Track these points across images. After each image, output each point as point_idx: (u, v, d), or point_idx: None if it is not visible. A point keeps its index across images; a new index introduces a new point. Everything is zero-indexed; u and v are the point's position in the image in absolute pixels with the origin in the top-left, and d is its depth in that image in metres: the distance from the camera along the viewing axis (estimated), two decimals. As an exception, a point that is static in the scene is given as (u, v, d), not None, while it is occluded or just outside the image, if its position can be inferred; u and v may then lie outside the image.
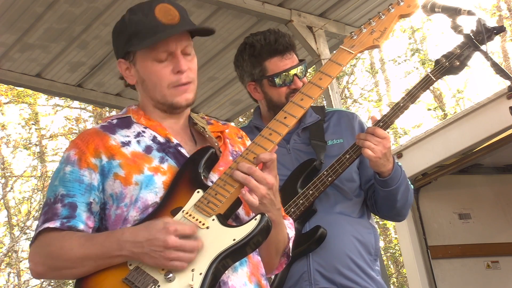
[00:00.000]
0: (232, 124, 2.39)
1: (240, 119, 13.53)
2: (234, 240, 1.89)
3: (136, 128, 2.12)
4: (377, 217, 3.16)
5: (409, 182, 2.91)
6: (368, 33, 2.26)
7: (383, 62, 17.01)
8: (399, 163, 2.85)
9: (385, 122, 2.77)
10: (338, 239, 2.79)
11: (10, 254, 15.41)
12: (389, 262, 15.80)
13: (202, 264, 1.87)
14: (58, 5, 5.61)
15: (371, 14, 6.27)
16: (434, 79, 2.79)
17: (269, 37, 2.93)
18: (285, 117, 2.07)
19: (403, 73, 17.04)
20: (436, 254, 5.41)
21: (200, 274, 1.86)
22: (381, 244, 15.47)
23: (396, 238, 14.54)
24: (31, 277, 15.83)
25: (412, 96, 2.78)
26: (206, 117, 2.28)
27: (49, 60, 6.38)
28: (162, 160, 2.05)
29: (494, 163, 5.79)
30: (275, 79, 2.90)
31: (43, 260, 1.99)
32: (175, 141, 2.10)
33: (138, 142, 2.08)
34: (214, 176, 2.08)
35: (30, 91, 14.10)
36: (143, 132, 2.11)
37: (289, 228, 2.17)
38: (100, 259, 1.91)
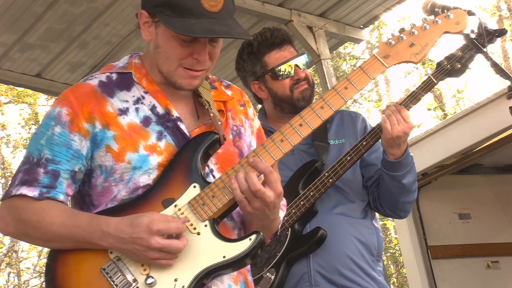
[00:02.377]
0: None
1: (240, 119, 13.51)
2: (224, 257, 1.82)
3: (136, 91, 2.00)
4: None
5: (416, 179, 2.88)
6: (407, 44, 2.07)
7: (383, 62, 16.98)
8: (411, 154, 2.83)
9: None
10: (338, 240, 2.78)
11: (10, 254, 15.42)
12: (389, 262, 15.80)
13: (187, 276, 1.81)
14: (58, 5, 5.61)
15: (370, 14, 6.27)
16: (436, 82, 2.79)
17: (265, 33, 2.95)
18: (300, 125, 1.97)
19: (403, 73, 17.04)
20: (436, 254, 5.41)
21: (183, 287, 1.80)
22: (381, 244, 15.46)
23: (396, 238, 14.54)
24: (31, 276, 15.86)
25: (413, 98, 2.78)
26: (210, 76, 2.15)
27: (49, 60, 6.38)
28: (159, 137, 1.95)
29: (494, 163, 5.79)
30: (277, 71, 2.90)
31: (15, 224, 1.92)
32: (175, 114, 1.99)
33: (137, 110, 1.97)
34: (210, 160, 1.99)
35: (30, 91, 14.11)
36: (143, 98, 1.99)
37: (281, 210, 2.09)
38: (80, 242, 1.86)
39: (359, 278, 2.78)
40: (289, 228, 2.79)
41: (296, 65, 2.91)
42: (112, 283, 1.81)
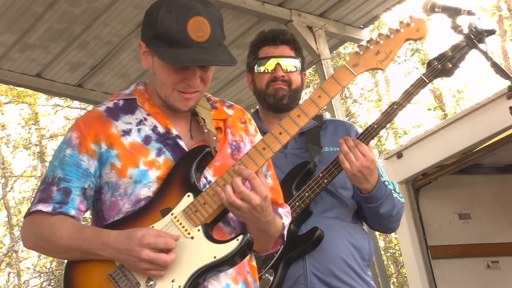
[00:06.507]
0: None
1: (240, 119, 13.50)
2: (214, 257, 2.01)
3: (139, 114, 2.20)
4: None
5: (398, 198, 2.88)
6: (373, 53, 2.27)
7: (383, 62, 16.97)
8: (386, 181, 2.84)
9: (380, 124, 2.78)
10: (333, 243, 2.80)
11: (10, 254, 15.42)
12: (389, 262, 15.80)
13: (183, 276, 2.00)
14: (58, 5, 5.61)
15: (370, 14, 6.27)
16: (427, 81, 2.80)
17: (271, 31, 3.02)
18: (280, 133, 2.13)
19: (403, 73, 17.05)
20: (436, 254, 5.41)
21: (179, 286, 1.99)
22: (381, 244, 15.46)
23: (396, 238, 14.54)
24: (31, 276, 15.86)
25: (406, 97, 2.78)
26: (212, 98, 2.32)
27: (49, 60, 6.38)
28: (159, 153, 2.14)
29: (494, 163, 5.79)
30: (258, 62, 2.97)
31: (33, 238, 2.16)
32: (174, 132, 2.18)
33: (139, 130, 2.17)
34: (208, 172, 2.16)
35: (30, 91, 14.09)
36: (145, 119, 2.19)
37: (285, 216, 2.25)
38: (86, 252, 2.06)
39: (353, 281, 2.80)
40: None
41: (278, 64, 2.93)
42: (118, 287, 2.01)
